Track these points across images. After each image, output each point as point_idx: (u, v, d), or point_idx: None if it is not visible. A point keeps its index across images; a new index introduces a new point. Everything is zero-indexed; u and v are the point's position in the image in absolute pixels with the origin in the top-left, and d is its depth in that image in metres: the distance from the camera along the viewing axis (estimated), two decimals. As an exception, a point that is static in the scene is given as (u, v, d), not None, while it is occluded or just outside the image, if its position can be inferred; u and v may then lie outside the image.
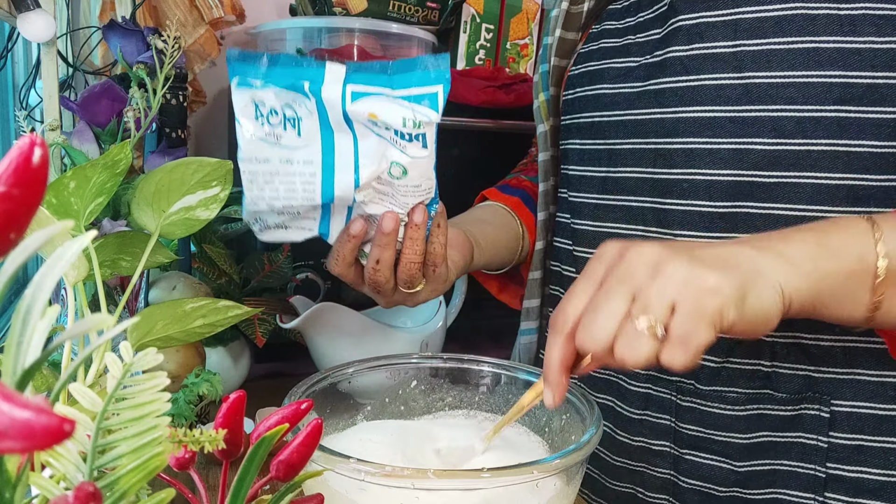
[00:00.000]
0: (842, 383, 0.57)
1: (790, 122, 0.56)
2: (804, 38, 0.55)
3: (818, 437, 0.58)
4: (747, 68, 0.58)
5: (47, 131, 0.78)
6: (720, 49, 0.59)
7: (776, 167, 0.57)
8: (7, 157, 0.18)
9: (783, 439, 0.59)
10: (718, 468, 0.61)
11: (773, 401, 0.59)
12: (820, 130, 0.55)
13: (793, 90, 0.56)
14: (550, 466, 0.42)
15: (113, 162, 0.50)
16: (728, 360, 0.60)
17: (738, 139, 0.58)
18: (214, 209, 0.54)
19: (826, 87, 0.55)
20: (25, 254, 0.19)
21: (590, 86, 0.70)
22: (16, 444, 0.16)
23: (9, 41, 0.96)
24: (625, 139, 0.66)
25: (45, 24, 0.76)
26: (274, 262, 0.91)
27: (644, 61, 0.64)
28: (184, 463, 0.36)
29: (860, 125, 0.54)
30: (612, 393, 0.68)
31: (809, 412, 0.58)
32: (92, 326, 0.19)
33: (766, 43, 0.57)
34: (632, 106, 0.65)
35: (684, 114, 0.61)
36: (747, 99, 0.58)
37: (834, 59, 0.54)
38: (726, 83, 0.58)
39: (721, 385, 0.61)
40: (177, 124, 0.79)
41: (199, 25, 1.02)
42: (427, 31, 1.15)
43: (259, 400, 0.72)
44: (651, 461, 0.65)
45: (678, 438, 0.63)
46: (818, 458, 0.58)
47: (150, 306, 0.56)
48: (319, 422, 0.39)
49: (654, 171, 0.63)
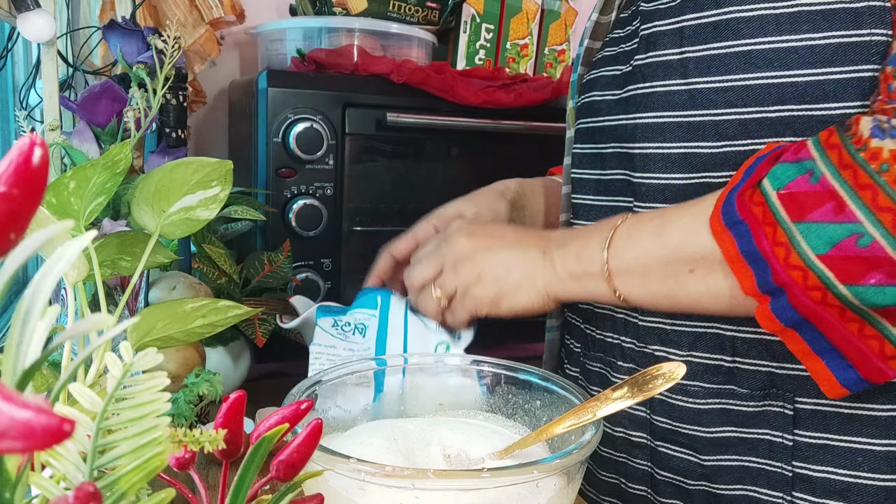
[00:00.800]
0: (805, 380, 0.56)
1: (732, 125, 0.57)
2: (738, 41, 0.56)
3: (783, 435, 0.58)
4: (691, 74, 0.59)
5: (47, 131, 0.78)
6: (669, 56, 0.60)
7: (723, 168, 0.58)
8: (7, 157, 0.18)
9: (749, 435, 0.59)
10: (687, 461, 0.63)
11: (737, 396, 0.60)
12: (763, 130, 0.56)
13: (731, 94, 0.56)
14: (551, 466, 0.42)
15: (113, 162, 0.50)
16: (691, 354, 0.61)
17: (686, 143, 0.59)
18: (214, 209, 0.54)
19: (763, 87, 0.55)
20: (25, 254, 0.19)
21: (589, 93, 0.73)
22: (16, 444, 0.16)
23: (9, 41, 0.96)
24: (607, 143, 0.68)
25: (45, 24, 0.76)
26: (274, 262, 0.91)
27: (623, 70, 0.67)
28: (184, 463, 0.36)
29: (805, 123, 0.54)
30: (603, 385, 0.70)
31: (773, 409, 0.58)
32: (92, 326, 0.19)
33: (705, 49, 0.58)
34: (610, 112, 0.68)
35: (641, 120, 0.63)
36: (692, 104, 0.59)
37: (769, 60, 0.54)
38: (674, 90, 0.60)
39: (685, 378, 0.61)
40: (177, 124, 0.79)
41: (199, 25, 1.02)
42: (427, 31, 1.15)
43: (259, 400, 0.72)
44: (631, 452, 0.67)
45: (654, 430, 0.65)
46: (784, 455, 0.58)
47: (150, 306, 0.56)
48: (319, 422, 0.39)
49: (628, 174, 0.65)
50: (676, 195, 0.60)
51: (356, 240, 1.05)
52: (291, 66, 1.06)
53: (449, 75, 1.05)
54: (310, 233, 0.98)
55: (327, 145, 0.97)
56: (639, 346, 0.65)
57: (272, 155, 0.95)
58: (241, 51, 1.30)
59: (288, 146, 0.95)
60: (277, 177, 0.96)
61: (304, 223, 0.97)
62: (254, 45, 1.24)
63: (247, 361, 0.89)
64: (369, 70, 1.03)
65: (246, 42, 1.29)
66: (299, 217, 0.97)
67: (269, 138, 0.95)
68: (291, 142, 0.95)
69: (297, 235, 0.97)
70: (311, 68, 1.03)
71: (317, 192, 0.98)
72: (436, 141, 1.08)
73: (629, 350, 0.66)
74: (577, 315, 0.75)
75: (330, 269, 1.02)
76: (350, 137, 1.00)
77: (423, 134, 1.07)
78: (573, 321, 0.76)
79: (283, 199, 0.97)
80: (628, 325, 0.66)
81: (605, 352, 0.70)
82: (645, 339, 0.65)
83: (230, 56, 1.28)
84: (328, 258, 1.01)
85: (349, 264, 1.04)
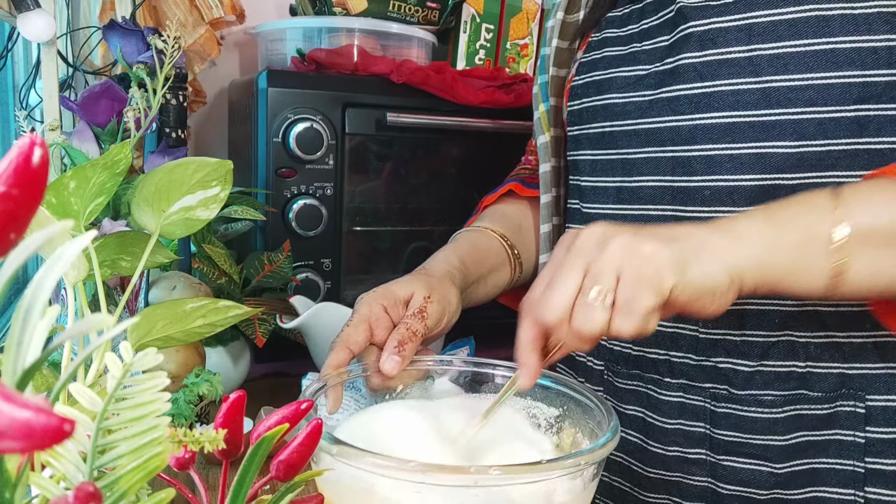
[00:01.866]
0: (875, 378, 0.57)
1: (811, 124, 0.56)
2: (820, 40, 0.56)
3: (855, 433, 0.58)
4: (764, 72, 0.58)
5: (47, 131, 0.78)
6: (735, 54, 0.59)
7: (799, 169, 0.57)
8: (7, 157, 0.18)
9: (820, 438, 0.59)
10: (758, 472, 0.61)
11: (809, 400, 0.59)
12: (840, 130, 0.55)
13: (811, 92, 0.56)
14: (560, 465, 0.41)
15: (113, 162, 0.50)
16: (762, 364, 0.60)
17: (760, 143, 0.58)
18: (214, 209, 0.54)
19: (844, 87, 0.55)
20: (25, 254, 0.19)
21: (597, 95, 0.70)
22: (16, 444, 0.16)
23: (9, 41, 0.96)
24: (639, 148, 0.65)
25: (45, 24, 0.76)
26: (274, 262, 0.91)
27: (654, 69, 0.64)
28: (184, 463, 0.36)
29: (879, 123, 0.55)
30: (642, 404, 0.67)
31: (845, 409, 0.58)
32: (92, 326, 0.19)
33: (781, 46, 0.57)
34: (644, 115, 0.65)
35: (702, 120, 0.60)
36: (766, 103, 0.58)
37: (851, 59, 0.55)
38: (744, 88, 0.58)
39: (756, 388, 0.60)
40: (177, 124, 0.79)
41: (199, 25, 1.02)
42: (427, 31, 1.15)
43: (259, 400, 0.72)
44: (688, 470, 0.64)
45: (714, 445, 0.62)
46: (856, 453, 0.58)
47: (150, 306, 0.56)
48: (319, 422, 0.39)
49: (673, 179, 0.62)
50: (745, 198, 0.58)
51: (356, 240, 1.05)
52: (291, 66, 1.06)
53: (449, 75, 1.05)
54: (310, 233, 0.98)
55: (327, 145, 0.97)
56: (696, 360, 0.62)
57: (272, 155, 0.95)
58: (241, 51, 1.30)
59: (288, 146, 0.95)
60: (277, 177, 0.96)
61: (304, 223, 0.97)
62: (254, 45, 1.24)
63: (247, 361, 0.89)
64: (369, 70, 1.03)
65: (246, 42, 1.29)
66: (299, 217, 0.97)
67: (269, 138, 0.95)
68: (291, 142, 0.95)
69: (297, 235, 0.97)
70: (311, 68, 1.03)
71: (317, 192, 0.98)
72: (436, 141, 1.08)
73: (681, 365, 0.63)
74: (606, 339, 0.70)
75: (330, 269, 1.02)
76: (350, 137, 1.00)
77: (423, 134, 1.07)
78: None
79: (283, 199, 0.97)
80: (681, 339, 0.63)
81: (646, 369, 0.66)
82: (706, 353, 0.62)
83: (230, 56, 1.28)
84: (328, 258, 1.01)
85: (349, 264, 1.04)
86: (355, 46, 1.07)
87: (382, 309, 0.61)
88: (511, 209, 0.84)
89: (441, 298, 0.63)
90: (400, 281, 0.64)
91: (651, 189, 0.64)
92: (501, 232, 0.79)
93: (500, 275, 0.78)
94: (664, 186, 0.63)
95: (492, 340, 1.07)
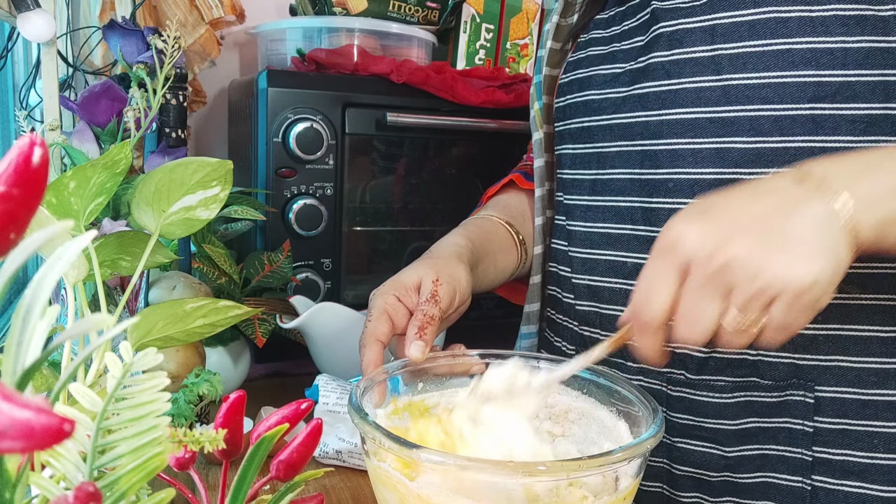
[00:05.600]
0: (826, 370, 0.58)
1: (767, 121, 0.58)
2: (777, 40, 0.57)
3: (804, 422, 0.59)
4: (725, 71, 0.60)
5: (47, 131, 0.78)
6: (699, 53, 0.61)
7: (756, 164, 0.58)
8: (7, 157, 0.18)
9: (770, 425, 0.61)
10: (710, 454, 0.63)
11: (760, 388, 0.61)
12: (796, 128, 0.57)
13: (768, 90, 0.58)
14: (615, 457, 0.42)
15: (113, 162, 0.50)
16: (715, 351, 0.62)
17: (719, 139, 0.60)
18: (214, 209, 0.54)
19: (800, 86, 0.57)
20: (25, 254, 0.19)
21: (579, 92, 0.72)
22: (16, 444, 0.16)
23: (9, 41, 0.96)
24: (612, 142, 0.68)
25: (45, 24, 0.76)
26: (274, 262, 0.91)
27: (629, 67, 0.67)
28: (184, 463, 0.36)
29: (835, 122, 0.56)
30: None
31: (795, 398, 0.59)
32: (92, 326, 0.19)
33: (741, 46, 0.59)
34: (618, 110, 0.67)
35: (667, 116, 0.63)
36: (726, 100, 0.60)
37: (807, 59, 0.56)
38: (706, 86, 0.61)
39: (709, 374, 0.62)
40: (177, 124, 0.79)
41: (199, 25, 1.02)
42: (427, 31, 1.15)
43: (259, 400, 0.72)
44: None
45: (670, 427, 0.65)
46: (804, 442, 0.59)
47: (150, 306, 0.56)
48: (319, 422, 0.39)
49: (641, 171, 0.65)
50: (705, 191, 0.60)
51: (356, 240, 1.05)
52: (291, 66, 1.06)
53: (449, 75, 1.05)
54: (310, 233, 0.98)
55: (327, 145, 0.97)
56: None
57: (272, 155, 0.95)
58: (241, 51, 1.30)
59: (288, 146, 0.95)
60: (277, 177, 0.96)
61: (304, 223, 0.97)
62: (254, 45, 1.24)
63: (247, 361, 0.89)
64: (369, 70, 1.03)
65: (246, 42, 1.29)
66: (299, 217, 0.97)
67: (269, 138, 0.95)
68: (291, 142, 0.95)
69: (297, 235, 0.97)
70: (311, 68, 1.03)
71: (317, 192, 0.98)
72: (436, 141, 1.09)
73: None
74: (589, 325, 0.71)
75: (330, 269, 1.02)
76: (350, 137, 1.00)
77: (423, 134, 1.07)
78: (581, 331, 0.73)
79: (283, 199, 0.97)
80: None
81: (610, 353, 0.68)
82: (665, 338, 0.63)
83: (230, 56, 1.28)
84: (328, 258, 1.01)
85: (349, 264, 1.04)
86: (355, 46, 1.07)
87: (396, 299, 0.63)
88: (514, 199, 0.86)
89: (449, 278, 0.65)
90: (407, 269, 0.66)
91: (621, 181, 0.67)
92: (507, 220, 0.82)
93: (508, 258, 0.80)
94: (633, 179, 0.65)
95: (493, 341, 1.07)
